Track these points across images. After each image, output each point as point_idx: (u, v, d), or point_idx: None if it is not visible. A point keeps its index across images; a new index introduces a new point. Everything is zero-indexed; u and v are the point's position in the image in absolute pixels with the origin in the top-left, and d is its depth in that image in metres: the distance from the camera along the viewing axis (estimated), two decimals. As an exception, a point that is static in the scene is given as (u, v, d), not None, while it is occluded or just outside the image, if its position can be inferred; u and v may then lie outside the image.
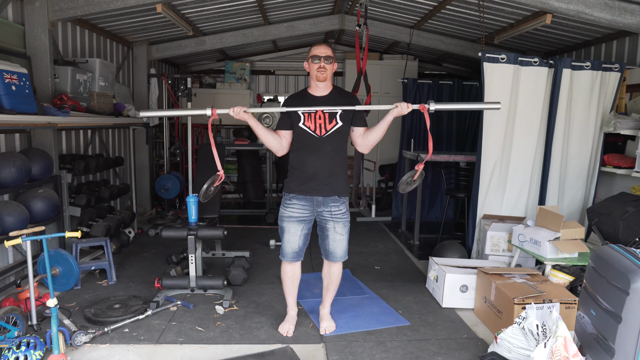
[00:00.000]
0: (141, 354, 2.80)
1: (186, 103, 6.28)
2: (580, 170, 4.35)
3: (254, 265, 4.46)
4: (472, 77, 8.29)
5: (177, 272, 4.04)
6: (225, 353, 2.82)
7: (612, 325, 2.20)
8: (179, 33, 6.25)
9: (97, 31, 5.48)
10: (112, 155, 6.03)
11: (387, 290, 3.90)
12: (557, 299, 2.93)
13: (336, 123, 2.86)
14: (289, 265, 3.05)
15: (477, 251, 4.34)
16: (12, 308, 2.85)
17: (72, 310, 3.33)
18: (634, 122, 3.98)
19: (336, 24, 6.76)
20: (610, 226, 3.58)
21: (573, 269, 3.51)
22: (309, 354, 2.83)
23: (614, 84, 4.24)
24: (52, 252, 3.62)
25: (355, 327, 3.18)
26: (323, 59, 2.82)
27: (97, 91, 4.68)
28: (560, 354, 2.26)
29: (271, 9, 6.02)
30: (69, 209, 4.16)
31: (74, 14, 4.20)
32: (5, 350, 2.53)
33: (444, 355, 2.85)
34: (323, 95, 2.91)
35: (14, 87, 3.33)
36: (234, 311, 3.43)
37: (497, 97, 4.08)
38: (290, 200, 2.94)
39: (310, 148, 2.86)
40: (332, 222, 2.94)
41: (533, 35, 5.58)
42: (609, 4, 4.07)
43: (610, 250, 2.40)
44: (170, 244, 4.98)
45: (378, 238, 5.66)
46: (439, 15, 5.68)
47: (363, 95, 4.08)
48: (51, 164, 3.87)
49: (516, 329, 2.62)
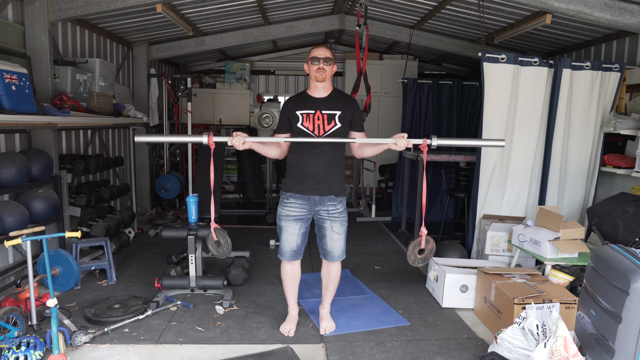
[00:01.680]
0: (141, 354, 2.80)
1: (186, 103, 6.28)
2: (580, 170, 4.35)
3: (254, 265, 4.46)
4: (472, 77, 8.29)
5: (177, 272, 4.04)
6: (225, 353, 2.82)
7: (612, 325, 2.20)
8: (179, 33, 6.25)
9: (97, 31, 5.48)
10: (112, 155, 6.03)
11: (387, 290, 3.90)
12: (557, 299, 2.93)
13: (335, 124, 2.86)
14: (288, 265, 3.06)
15: (477, 251, 4.34)
16: (12, 308, 2.85)
17: (72, 310, 3.33)
18: (634, 122, 3.98)
19: (336, 24, 6.76)
20: (610, 226, 3.58)
21: (573, 269, 3.51)
22: (309, 354, 2.83)
23: (614, 84, 4.23)
24: (52, 252, 3.62)
25: (355, 327, 3.18)
26: (322, 60, 2.84)
27: (97, 91, 4.67)
28: (560, 354, 2.26)
29: (271, 9, 6.01)
30: (69, 209, 4.16)
31: (74, 14, 4.20)
32: (5, 350, 2.53)
33: (444, 355, 2.85)
34: (322, 97, 2.92)
35: (14, 87, 3.33)
36: (234, 311, 3.43)
37: (497, 97, 4.09)
38: (288, 199, 2.94)
39: (308, 148, 2.86)
40: (330, 221, 2.94)
41: (533, 35, 5.58)
42: (609, 4, 4.07)
43: (610, 250, 2.40)
44: (170, 244, 4.97)
45: (378, 238, 5.66)
46: (439, 15, 5.68)
47: (363, 95, 4.07)
48: (51, 164, 3.87)
49: (516, 329, 2.62)
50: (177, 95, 6.79)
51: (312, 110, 2.87)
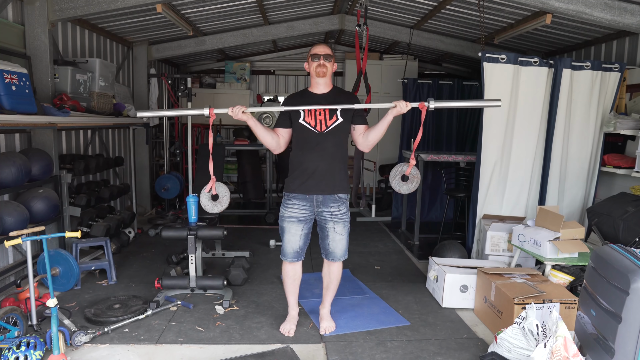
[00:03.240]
0: (141, 354, 2.80)
1: (186, 103, 6.28)
2: (580, 170, 4.35)
3: (254, 265, 4.46)
4: (472, 77, 8.29)
5: (177, 272, 4.04)
6: (225, 353, 2.82)
7: (612, 325, 2.20)
8: (179, 33, 6.25)
9: (97, 31, 5.48)
10: (112, 155, 6.03)
11: (387, 290, 3.90)
12: (557, 299, 2.93)
13: (337, 119, 2.86)
14: (289, 265, 3.06)
15: (477, 251, 4.34)
16: (12, 308, 2.85)
17: (72, 310, 3.33)
18: (634, 122, 3.98)
19: (336, 24, 6.76)
20: (610, 226, 3.58)
21: (573, 269, 3.51)
22: (309, 354, 2.83)
23: (614, 84, 4.24)
24: (52, 252, 3.62)
25: (355, 327, 3.18)
26: (322, 57, 2.85)
27: (97, 91, 4.68)
28: (560, 354, 2.26)
29: (271, 9, 6.02)
30: (69, 209, 4.16)
31: (74, 14, 4.20)
32: (5, 350, 2.53)
33: (444, 355, 2.85)
34: (323, 93, 2.92)
35: (14, 87, 3.33)
36: (234, 311, 3.43)
37: (497, 97, 4.08)
38: (291, 201, 2.94)
39: (310, 144, 2.86)
40: (332, 222, 2.94)
41: (533, 35, 5.58)
42: (609, 4, 4.07)
43: (610, 250, 2.40)
44: (170, 244, 4.97)
45: (378, 238, 5.66)
46: (439, 15, 5.68)
47: (363, 95, 4.08)
48: (51, 164, 3.87)
49: (516, 329, 2.62)
50: (177, 95, 6.79)
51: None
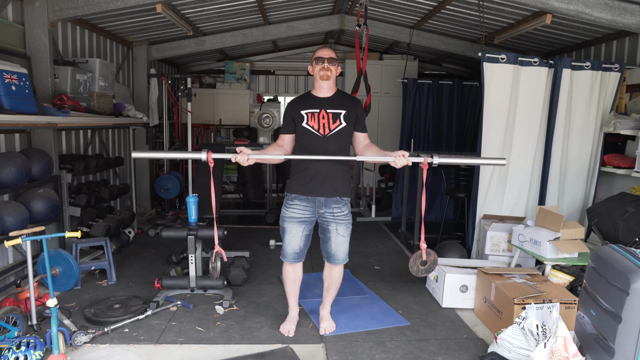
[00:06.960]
0: (141, 354, 2.80)
1: (186, 103, 6.28)
2: (580, 170, 4.35)
3: (254, 265, 4.46)
4: (472, 77, 8.29)
5: (177, 272, 4.04)
6: (225, 353, 2.82)
7: (612, 325, 2.20)
8: (179, 33, 6.25)
9: (97, 31, 5.48)
10: (112, 155, 6.03)
11: (387, 290, 3.90)
12: (557, 299, 2.93)
13: (340, 123, 2.86)
14: (290, 266, 3.05)
15: (477, 251, 4.34)
16: (12, 308, 2.85)
17: (72, 310, 3.33)
18: (634, 122, 3.98)
19: (336, 24, 6.76)
20: (610, 226, 3.58)
21: (573, 269, 3.51)
22: (309, 354, 2.83)
23: (613, 84, 4.24)
24: (52, 252, 3.61)
25: (355, 327, 3.18)
26: (327, 60, 2.85)
27: (97, 91, 4.67)
28: (560, 354, 2.26)
29: (271, 9, 6.01)
30: (69, 209, 4.16)
31: (74, 14, 4.20)
32: (5, 350, 2.53)
33: (444, 356, 2.85)
34: (326, 97, 2.92)
35: (14, 87, 3.32)
36: (233, 311, 3.43)
37: (497, 97, 4.09)
38: (292, 201, 2.94)
39: (313, 147, 2.86)
40: (335, 224, 2.93)
41: (533, 35, 5.58)
42: (609, 4, 4.07)
43: (610, 250, 2.40)
44: (170, 244, 4.97)
45: (378, 238, 5.66)
46: (439, 15, 5.68)
47: (363, 96, 4.07)
48: (51, 164, 3.87)
49: (516, 329, 2.62)
50: (177, 95, 6.79)
51: (316, 110, 2.87)
